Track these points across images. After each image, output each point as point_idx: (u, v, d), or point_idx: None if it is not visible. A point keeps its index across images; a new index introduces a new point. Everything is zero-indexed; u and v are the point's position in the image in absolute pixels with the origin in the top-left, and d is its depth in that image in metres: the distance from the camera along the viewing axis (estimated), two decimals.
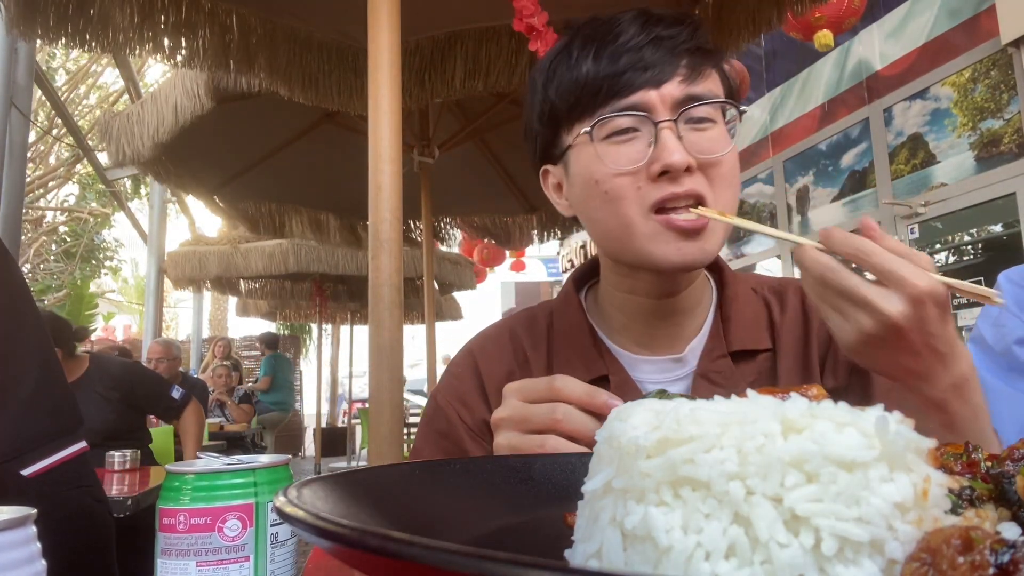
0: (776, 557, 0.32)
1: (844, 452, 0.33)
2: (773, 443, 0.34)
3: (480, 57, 3.05)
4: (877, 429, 0.34)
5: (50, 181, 12.40)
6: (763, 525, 0.33)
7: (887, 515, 0.32)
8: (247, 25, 2.84)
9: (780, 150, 7.30)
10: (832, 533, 0.32)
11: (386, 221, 1.53)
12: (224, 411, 7.50)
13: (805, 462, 0.33)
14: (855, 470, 0.33)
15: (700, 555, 0.34)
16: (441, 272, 7.58)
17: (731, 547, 0.33)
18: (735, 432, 0.35)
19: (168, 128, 3.48)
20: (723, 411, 0.37)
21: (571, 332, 0.93)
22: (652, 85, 0.80)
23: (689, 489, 0.35)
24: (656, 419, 0.38)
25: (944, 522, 0.34)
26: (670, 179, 0.78)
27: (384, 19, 1.62)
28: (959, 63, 5.38)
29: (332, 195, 4.70)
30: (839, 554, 0.32)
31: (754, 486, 0.34)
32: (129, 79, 6.67)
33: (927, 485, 0.34)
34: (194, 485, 0.57)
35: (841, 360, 0.88)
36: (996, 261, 5.25)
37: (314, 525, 0.31)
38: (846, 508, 0.32)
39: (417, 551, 0.25)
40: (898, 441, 0.34)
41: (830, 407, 0.37)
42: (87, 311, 9.63)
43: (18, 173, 3.82)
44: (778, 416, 0.35)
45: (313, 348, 14.81)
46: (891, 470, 0.34)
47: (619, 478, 0.38)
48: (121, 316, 18.28)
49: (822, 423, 0.35)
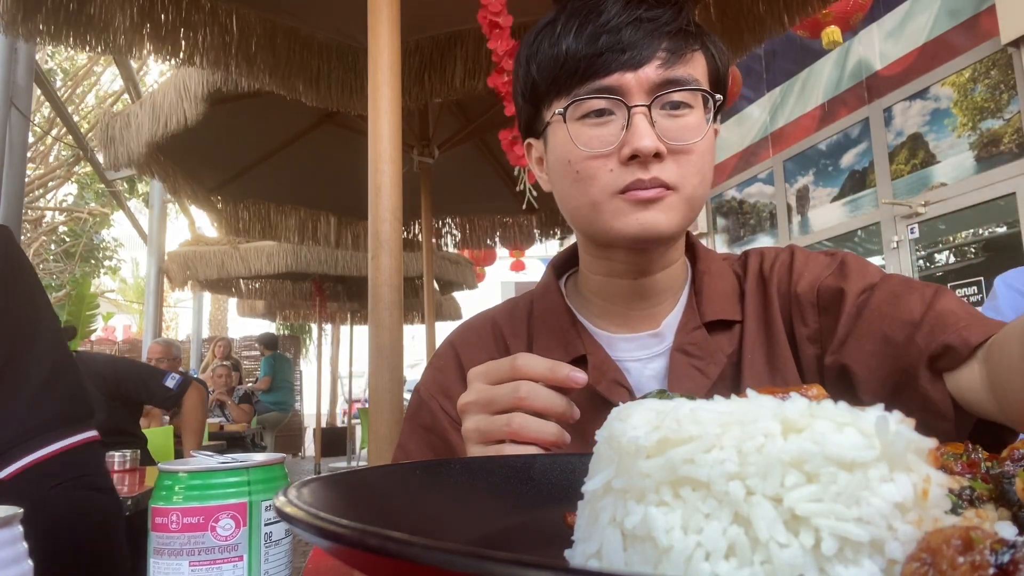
0: (776, 557, 0.32)
1: (844, 452, 0.33)
2: (773, 443, 0.34)
3: (480, 57, 3.05)
4: (877, 429, 0.34)
5: (50, 181, 12.39)
6: (763, 525, 0.33)
7: (887, 515, 0.32)
8: (247, 25, 2.84)
9: (780, 150, 7.29)
10: (832, 533, 0.32)
11: (386, 221, 1.53)
12: (224, 411, 7.50)
13: (805, 462, 0.33)
14: (855, 470, 0.33)
15: (700, 555, 0.33)
16: (441, 272, 7.58)
17: (731, 547, 0.33)
18: (735, 432, 0.35)
19: (167, 128, 3.48)
20: (723, 411, 0.37)
21: (550, 316, 0.93)
22: (629, 68, 0.79)
23: (689, 489, 0.35)
24: (656, 419, 0.38)
25: (944, 522, 0.34)
26: (639, 163, 0.78)
27: (384, 19, 1.62)
28: (959, 63, 5.38)
29: (332, 195, 4.70)
30: (839, 554, 0.32)
31: (754, 486, 0.34)
32: (129, 79, 6.67)
33: (927, 485, 0.34)
34: (187, 484, 0.57)
35: (806, 304, 0.86)
36: (996, 261, 5.25)
37: (314, 525, 0.30)
38: (846, 508, 0.32)
39: (417, 551, 0.25)
40: (898, 441, 0.34)
41: (830, 407, 0.36)
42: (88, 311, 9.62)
43: (18, 173, 3.81)
44: (778, 416, 0.35)
45: (313, 348, 14.81)
46: (891, 470, 0.34)
47: (619, 478, 0.38)
48: (121, 316, 18.26)
49: (822, 423, 0.35)
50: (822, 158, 6.79)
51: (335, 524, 0.29)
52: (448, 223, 5.29)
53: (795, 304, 0.87)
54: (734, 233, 8.12)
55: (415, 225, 5.06)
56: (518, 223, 5.17)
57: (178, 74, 3.45)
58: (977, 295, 5.25)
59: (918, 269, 5.79)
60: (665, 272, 0.89)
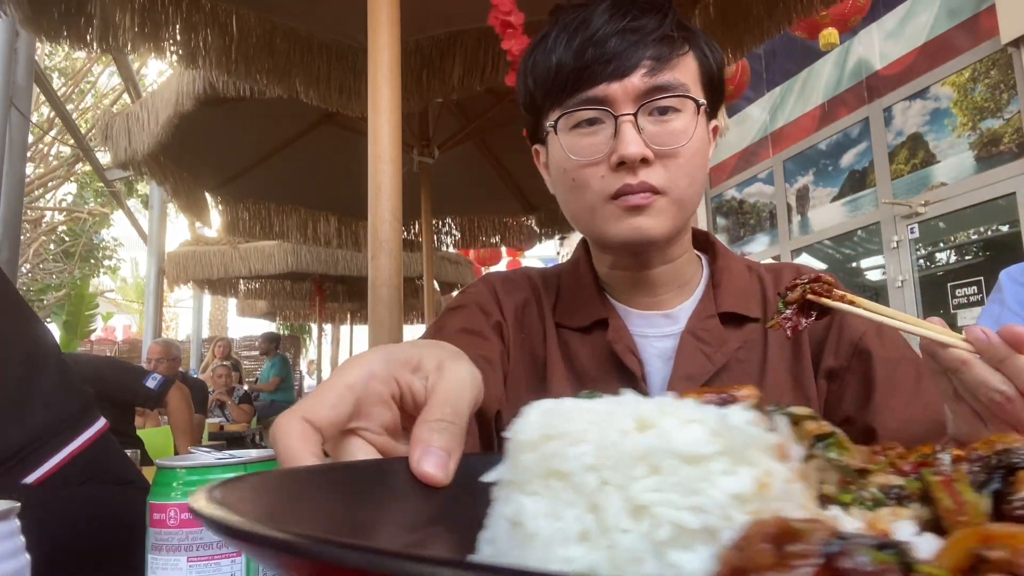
0: (619, 542, 0.35)
1: (685, 447, 0.36)
2: (626, 439, 0.38)
3: (480, 57, 3.04)
4: (720, 425, 0.37)
5: (49, 180, 12.39)
6: (611, 513, 0.36)
7: (723, 505, 0.35)
8: (247, 25, 2.84)
9: (780, 149, 7.29)
10: (668, 520, 0.34)
11: (386, 221, 1.53)
12: (224, 411, 7.50)
13: (651, 456, 0.37)
14: (696, 463, 0.36)
15: (559, 540, 0.37)
16: (441, 272, 7.57)
17: (584, 533, 0.37)
18: (597, 429, 0.39)
19: (166, 128, 3.47)
20: (596, 410, 0.41)
21: (576, 283, 0.99)
22: (615, 78, 0.82)
23: (556, 480, 0.39)
24: (544, 417, 0.42)
25: (790, 515, 0.35)
26: (628, 169, 0.82)
27: (384, 19, 1.62)
28: (959, 63, 5.38)
29: (331, 195, 4.69)
30: (675, 540, 0.34)
31: (607, 477, 0.37)
32: (129, 79, 6.67)
33: (768, 479, 0.36)
34: (185, 480, 0.57)
35: (845, 341, 0.90)
36: (996, 260, 5.25)
37: (225, 526, 0.30)
38: (683, 498, 0.35)
39: (326, 549, 0.25)
40: (740, 437, 0.37)
41: (682, 405, 0.40)
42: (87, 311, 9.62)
43: (18, 173, 3.81)
44: (634, 414, 0.39)
45: (313, 348, 14.81)
46: (734, 464, 0.36)
47: (509, 471, 0.42)
48: (121, 316, 18.26)
49: (669, 420, 0.38)
50: (822, 158, 6.79)
51: (251, 527, 0.29)
52: (448, 223, 5.29)
53: (833, 334, 0.91)
54: (734, 233, 8.12)
55: (415, 225, 5.06)
56: (518, 223, 5.17)
57: (178, 74, 3.45)
58: (977, 295, 5.25)
59: (918, 269, 5.79)
60: (670, 266, 0.93)
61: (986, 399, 0.60)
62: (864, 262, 6.63)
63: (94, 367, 3.33)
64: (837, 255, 6.91)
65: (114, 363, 3.66)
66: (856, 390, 0.88)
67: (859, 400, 0.88)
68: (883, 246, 6.01)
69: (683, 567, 0.33)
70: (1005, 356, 0.59)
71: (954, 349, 0.61)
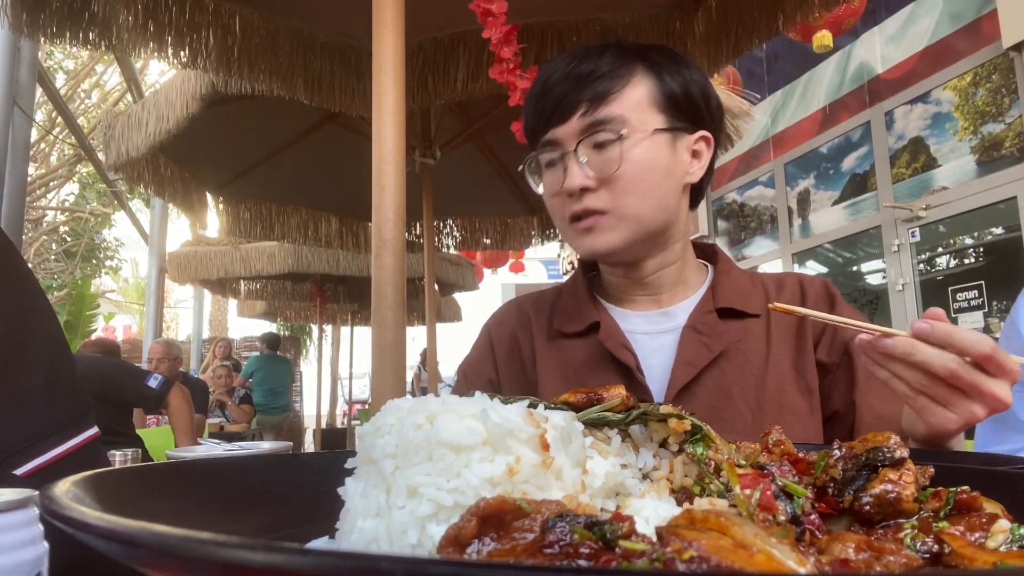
0: (394, 517, 0.43)
1: (452, 437, 0.44)
2: (417, 432, 0.46)
3: (483, 58, 3.05)
4: (482, 419, 0.45)
5: (51, 180, 12.40)
6: (395, 492, 0.44)
7: (476, 487, 0.42)
8: (250, 26, 2.84)
9: (781, 153, 7.30)
10: (430, 499, 0.42)
11: (389, 221, 1.53)
12: (224, 411, 7.49)
13: (427, 445, 0.45)
14: (461, 452, 0.44)
15: (362, 514, 0.46)
16: (442, 273, 7.57)
17: (378, 509, 0.45)
18: (400, 423, 0.47)
19: (167, 129, 3.47)
20: (405, 407, 0.49)
21: (572, 294, 1.13)
22: (558, 123, 0.97)
23: (370, 465, 0.48)
24: (395, 411, 0.50)
25: (535, 496, 0.44)
26: (575, 198, 0.96)
27: (388, 20, 1.62)
28: (960, 67, 5.38)
29: (333, 196, 4.69)
30: (434, 515, 0.42)
31: (399, 463, 0.46)
32: (131, 79, 6.67)
33: (517, 465, 0.44)
34: None
35: (837, 342, 1.00)
36: (996, 265, 5.25)
37: (74, 521, 0.32)
38: (445, 481, 0.43)
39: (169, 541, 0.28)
40: (498, 430, 0.44)
41: (465, 403, 0.48)
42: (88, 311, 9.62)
43: (20, 172, 3.81)
44: (427, 411, 0.47)
45: (313, 349, 14.80)
46: (494, 452, 0.44)
47: (357, 456, 0.52)
48: (121, 316, 18.26)
49: (446, 416, 0.46)
50: (823, 161, 6.80)
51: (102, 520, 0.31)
52: (449, 224, 5.29)
53: (827, 334, 1.01)
54: (735, 236, 8.12)
55: (416, 226, 5.06)
56: (519, 224, 5.17)
57: (180, 74, 3.45)
58: (978, 299, 5.25)
59: (918, 272, 5.79)
60: (664, 272, 1.05)
61: (943, 370, 0.67)
62: (865, 266, 6.63)
63: (95, 368, 3.32)
64: (838, 259, 6.91)
65: (116, 364, 3.66)
66: (842, 388, 0.99)
67: (844, 397, 0.99)
68: (884, 250, 6.01)
69: (436, 538, 0.40)
70: (947, 335, 0.68)
71: (900, 337, 0.70)
